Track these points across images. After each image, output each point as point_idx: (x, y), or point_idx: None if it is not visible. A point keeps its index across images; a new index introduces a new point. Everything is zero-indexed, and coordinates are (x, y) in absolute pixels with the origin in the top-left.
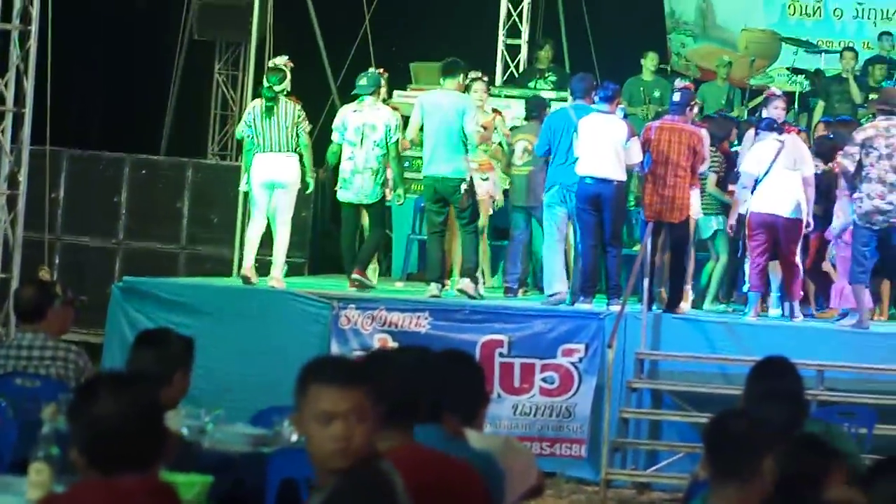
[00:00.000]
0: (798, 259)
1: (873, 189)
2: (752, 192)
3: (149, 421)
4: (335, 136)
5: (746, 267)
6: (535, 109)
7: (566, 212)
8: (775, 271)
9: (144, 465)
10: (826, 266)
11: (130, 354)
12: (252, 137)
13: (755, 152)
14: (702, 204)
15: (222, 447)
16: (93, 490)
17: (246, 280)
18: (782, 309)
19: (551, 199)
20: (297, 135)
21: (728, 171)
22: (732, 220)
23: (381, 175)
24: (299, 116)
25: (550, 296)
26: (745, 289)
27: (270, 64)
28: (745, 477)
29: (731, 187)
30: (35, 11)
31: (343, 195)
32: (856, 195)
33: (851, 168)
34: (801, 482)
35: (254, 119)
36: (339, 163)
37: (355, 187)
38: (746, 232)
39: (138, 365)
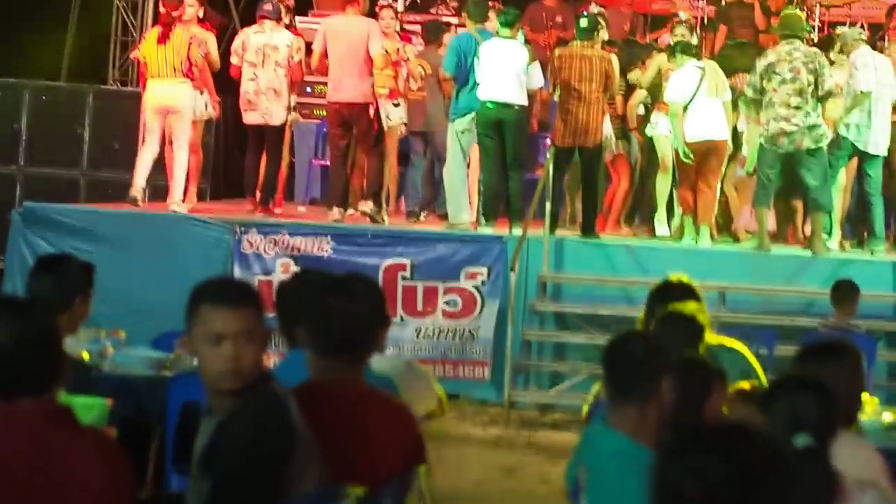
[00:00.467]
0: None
1: (778, 112)
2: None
3: (43, 345)
4: (233, 59)
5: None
6: (433, 34)
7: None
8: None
9: (40, 389)
10: (729, 189)
11: (29, 280)
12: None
13: (677, 80)
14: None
15: (123, 371)
16: None
17: (133, 201)
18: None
19: (464, 126)
20: (193, 63)
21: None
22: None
23: (285, 97)
24: (191, 44)
25: (456, 224)
26: (679, 212)
27: None
28: (641, 398)
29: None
30: None
31: (249, 118)
32: (762, 119)
33: (753, 94)
34: (686, 404)
35: (147, 45)
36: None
37: (261, 108)
38: (675, 158)
39: (37, 291)
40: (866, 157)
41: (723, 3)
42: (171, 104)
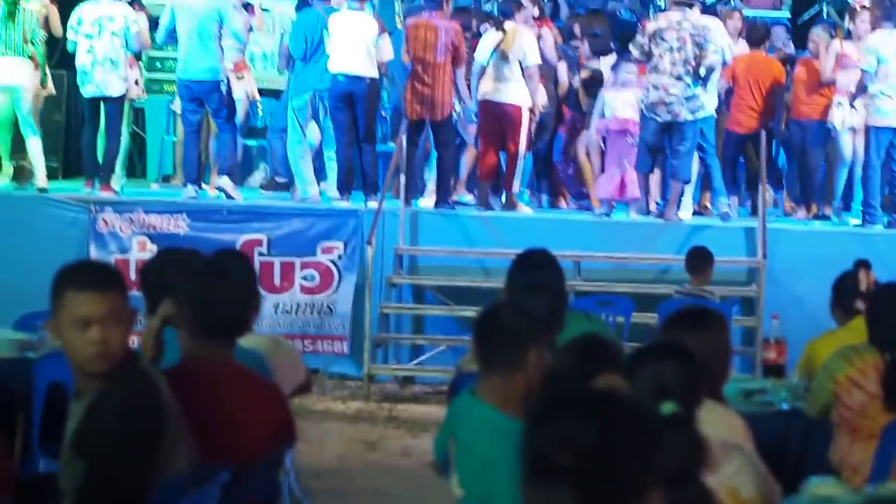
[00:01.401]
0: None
1: (660, 80)
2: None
3: None
4: (70, 34)
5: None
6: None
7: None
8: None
9: None
10: (581, 156)
11: None
12: None
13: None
14: None
15: None
16: None
17: None
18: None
19: (301, 104)
20: (32, 40)
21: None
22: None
23: (123, 68)
24: (36, 21)
25: (304, 199)
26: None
27: None
28: (509, 368)
29: None
30: None
31: (87, 91)
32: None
33: (639, 57)
34: (576, 377)
35: None
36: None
37: (97, 80)
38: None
39: None
40: None
41: None
42: (10, 81)
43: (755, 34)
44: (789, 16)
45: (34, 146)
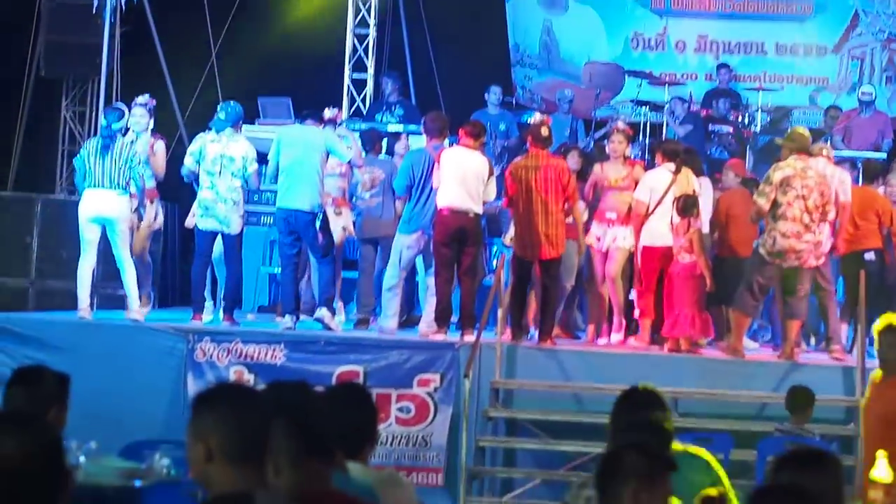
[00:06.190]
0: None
1: (789, 228)
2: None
3: (52, 458)
4: (188, 160)
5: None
6: (370, 142)
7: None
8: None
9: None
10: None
11: (5, 393)
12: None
13: (647, 181)
14: None
15: (94, 481)
16: None
17: (82, 318)
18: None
19: (410, 241)
20: (130, 173)
21: None
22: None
23: (242, 206)
24: (133, 156)
25: (382, 330)
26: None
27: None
28: None
29: None
30: None
31: (204, 223)
32: (769, 231)
33: (767, 207)
34: None
35: (88, 155)
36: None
37: (219, 216)
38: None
39: (12, 403)
40: None
41: None
42: (108, 213)
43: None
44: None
45: (130, 277)
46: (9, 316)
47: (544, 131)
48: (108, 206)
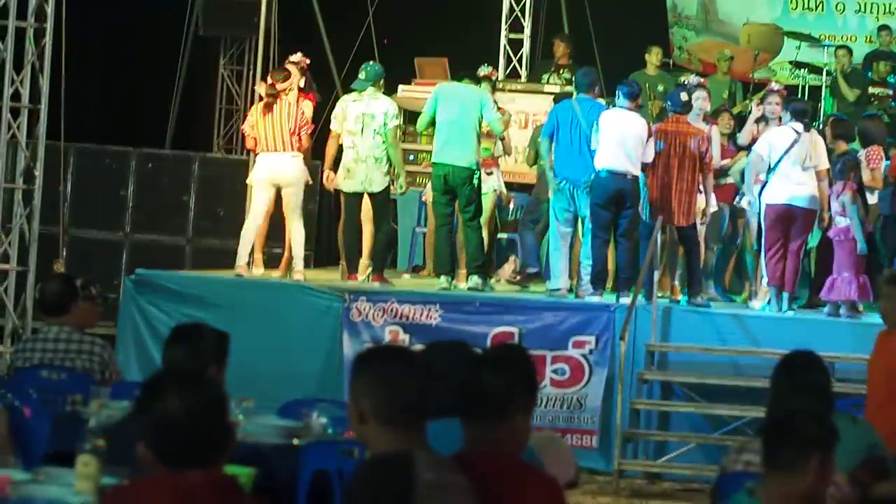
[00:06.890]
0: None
1: None
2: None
3: (215, 417)
4: (334, 125)
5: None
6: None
7: (573, 209)
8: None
9: (210, 461)
10: None
11: (164, 350)
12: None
13: (769, 136)
14: None
15: (252, 439)
16: (159, 484)
17: (238, 276)
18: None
19: (557, 197)
20: (300, 135)
21: None
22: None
23: (385, 164)
24: (302, 117)
25: (553, 291)
26: (764, 282)
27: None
28: (794, 472)
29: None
30: (50, 9)
31: (347, 185)
32: None
33: None
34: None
35: (256, 119)
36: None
37: (360, 176)
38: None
39: (172, 361)
40: None
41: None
42: (283, 177)
43: None
44: None
45: (300, 237)
46: (168, 274)
47: (683, 96)
48: (280, 169)
